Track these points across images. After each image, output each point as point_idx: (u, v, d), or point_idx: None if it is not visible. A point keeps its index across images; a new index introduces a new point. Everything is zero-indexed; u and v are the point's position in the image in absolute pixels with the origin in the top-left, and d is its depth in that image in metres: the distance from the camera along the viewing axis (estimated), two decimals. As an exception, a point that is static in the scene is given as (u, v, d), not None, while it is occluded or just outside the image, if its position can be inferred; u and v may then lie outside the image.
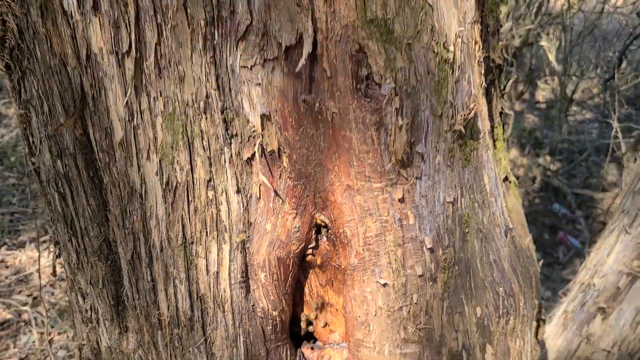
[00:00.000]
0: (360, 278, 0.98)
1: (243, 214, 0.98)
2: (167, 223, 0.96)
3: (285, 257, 1.01)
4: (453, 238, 0.95)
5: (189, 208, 0.96)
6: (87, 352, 1.20)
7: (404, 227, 0.93)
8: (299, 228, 0.99)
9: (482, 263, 0.99)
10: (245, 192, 0.96)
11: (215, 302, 1.01)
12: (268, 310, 1.04)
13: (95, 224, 1.03)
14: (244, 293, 1.02)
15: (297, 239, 1.00)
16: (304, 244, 1.01)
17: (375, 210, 0.93)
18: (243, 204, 0.97)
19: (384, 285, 0.96)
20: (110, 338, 1.12)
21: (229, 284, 1.00)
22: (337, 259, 1.02)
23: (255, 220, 0.98)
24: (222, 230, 0.98)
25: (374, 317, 0.98)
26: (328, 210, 0.98)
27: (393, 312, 0.97)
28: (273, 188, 0.96)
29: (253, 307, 1.03)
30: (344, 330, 1.09)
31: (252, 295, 1.03)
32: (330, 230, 1.00)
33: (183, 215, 0.96)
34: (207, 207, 0.96)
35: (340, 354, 1.11)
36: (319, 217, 0.99)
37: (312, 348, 1.15)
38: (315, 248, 1.03)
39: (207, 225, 0.97)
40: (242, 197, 0.96)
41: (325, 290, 1.09)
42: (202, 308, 1.01)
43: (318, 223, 1.00)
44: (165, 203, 0.95)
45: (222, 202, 0.96)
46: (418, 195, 0.92)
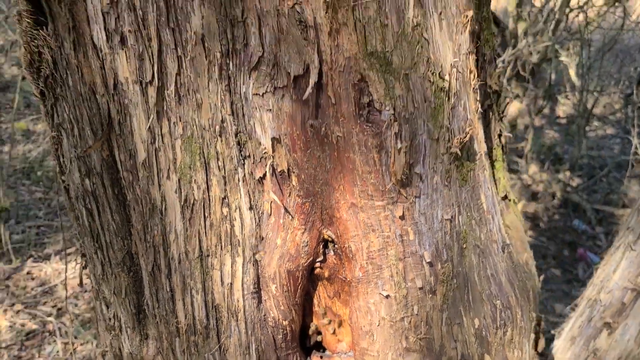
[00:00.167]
0: (365, 290, 1.05)
1: (255, 229, 1.06)
2: (185, 237, 1.05)
3: (295, 269, 1.08)
4: (451, 253, 1.02)
5: (205, 223, 1.04)
6: (110, 358, 1.28)
7: (405, 242, 1.00)
8: (308, 243, 1.07)
9: (479, 277, 1.06)
10: (258, 208, 1.05)
11: (229, 311, 1.09)
12: (279, 320, 1.12)
13: (119, 238, 1.12)
14: (256, 303, 1.10)
15: (305, 253, 1.08)
16: (312, 258, 1.09)
17: (378, 227, 1.01)
18: (255, 220, 1.05)
19: (387, 297, 1.03)
20: (132, 345, 1.21)
21: (242, 295, 1.08)
22: (343, 272, 1.09)
23: (267, 235, 1.07)
24: (235, 244, 1.06)
25: (378, 327, 1.05)
26: (334, 226, 1.06)
27: (395, 322, 1.04)
28: (283, 205, 1.04)
29: (264, 316, 1.11)
30: (351, 340, 1.16)
31: (263, 306, 1.10)
32: (337, 245, 1.07)
33: (200, 230, 1.04)
34: (222, 222, 1.04)
35: (348, 363, 1.18)
36: (326, 232, 1.07)
37: (321, 357, 1.23)
38: (323, 262, 1.10)
39: (221, 240, 1.05)
40: (254, 213, 1.05)
41: (333, 302, 1.17)
42: (217, 317, 1.10)
43: (325, 238, 1.08)
44: (184, 219, 1.04)
45: (236, 218, 1.04)
46: (417, 213, 0.99)
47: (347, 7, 0.88)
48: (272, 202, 1.04)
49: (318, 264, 1.11)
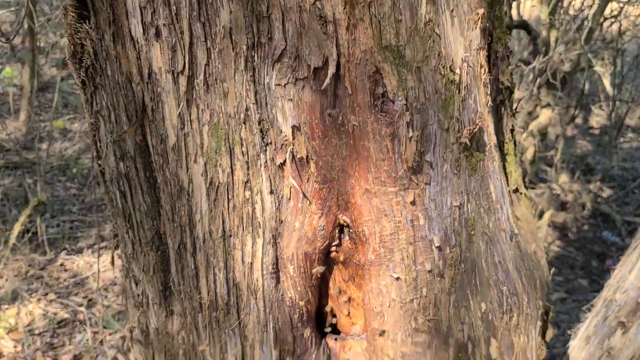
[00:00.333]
0: (377, 272, 1.12)
1: (275, 213, 1.13)
2: (209, 218, 1.13)
3: (312, 252, 1.16)
4: (459, 238, 1.08)
5: (229, 205, 1.12)
6: (137, 333, 1.37)
7: (415, 227, 1.07)
8: (324, 227, 1.14)
9: (487, 263, 1.11)
10: (278, 193, 1.12)
11: (249, 289, 1.17)
12: (295, 300, 1.19)
13: (149, 218, 1.21)
14: (274, 283, 1.17)
15: (322, 237, 1.15)
16: (328, 241, 1.16)
17: (390, 212, 1.07)
18: (275, 204, 1.13)
19: (397, 279, 1.09)
20: (158, 320, 1.29)
21: (261, 274, 1.16)
22: (357, 256, 1.16)
23: (286, 218, 1.14)
24: (256, 226, 1.14)
25: (388, 307, 1.11)
26: (349, 211, 1.12)
27: (405, 303, 1.10)
28: (302, 190, 1.12)
29: (282, 296, 1.18)
30: (364, 323, 1.23)
31: (281, 286, 1.18)
32: (352, 230, 1.14)
33: (223, 212, 1.13)
34: (244, 205, 1.12)
35: (360, 345, 1.25)
36: (342, 217, 1.14)
37: (335, 339, 1.29)
38: (339, 246, 1.17)
39: (243, 221, 1.13)
40: (274, 197, 1.12)
41: (348, 285, 1.23)
42: (237, 294, 1.17)
43: (341, 223, 1.15)
44: (209, 200, 1.12)
45: (257, 201, 1.12)
46: (427, 199, 1.05)
47: (363, 3, 0.95)
48: (291, 187, 1.11)
49: (334, 248, 1.18)
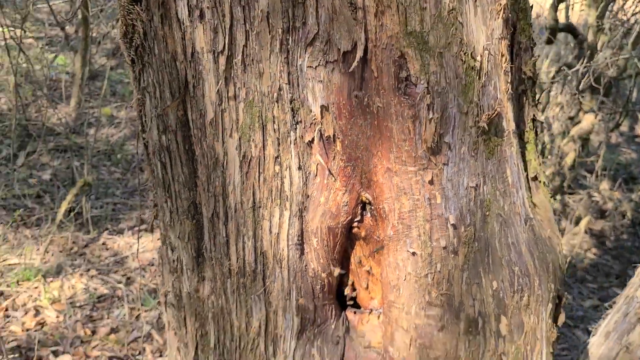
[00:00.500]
0: (395, 247, 1.19)
1: (302, 187, 1.22)
2: (241, 189, 1.23)
3: (335, 226, 1.24)
4: (474, 218, 1.14)
5: (259, 178, 1.21)
6: (171, 298, 1.48)
7: (432, 205, 1.13)
8: (347, 203, 1.22)
9: (500, 243, 1.17)
10: (305, 169, 1.21)
11: (275, 258, 1.26)
12: (318, 271, 1.27)
13: (187, 188, 1.31)
14: (299, 254, 1.26)
15: (345, 212, 1.23)
16: (351, 217, 1.24)
17: (409, 190, 1.14)
18: (303, 179, 1.21)
19: (413, 254, 1.16)
20: (190, 285, 1.40)
21: (287, 245, 1.25)
22: (377, 232, 1.24)
23: (312, 193, 1.22)
24: (284, 199, 1.22)
25: (404, 281, 1.19)
26: (372, 189, 1.20)
27: (420, 278, 1.17)
28: (327, 167, 1.20)
29: (305, 267, 1.27)
30: (382, 297, 1.30)
31: (305, 257, 1.26)
32: (373, 207, 1.22)
33: (254, 184, 1.22)
34: (273, 178, 1.21)
35: (377, 318, 1.32)
36: (364, 194, 1.22)
37: (354, 312, 1.37)
38: (360, 222, 1.25)
39: (272, 194, 1.22)
40: (302, 173, 1.21)
41: (368, 261, 1.31)
42: (263, 262, 1.26)
43: (363, 200, 1.23)
44: (241, 172, 1.22)
45: (286, 175, 1.21)
46: (445, 179, 1.12)
47: (391, -9, 1.02)
48: (318, 164, 1.20)
49: (356, 224, 1.25)
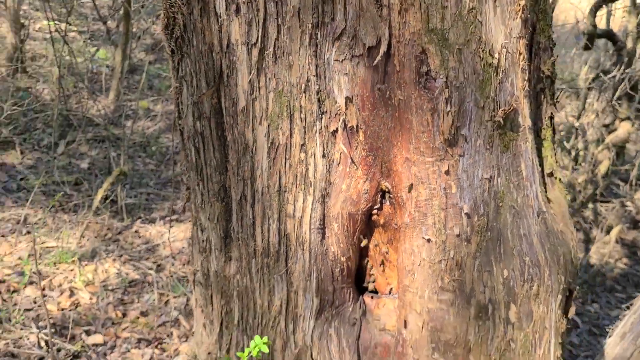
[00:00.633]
0: (411, 234, 1.26)
1: (325, 174, 1.30)
2: (268, 174, 1.31)
3: (355, 213, 1.31)
4: (487, 209, 1.20)
5: (286, 164, 1.30)
6: (199, 276, 1.58)
7: (448, 195, 1.20)
8: (368, 190, 1.29)
9: (512, 234, 1.23)
10: (329, 157, 1.29)
11: (297, 241, 1.34)
12: (338, 255, 1.35)
13: (217, 172, 1.41)
14: (320, 238, 1.34)
15: (365, 199, 1.30)
16: (371, 204, 1.31)
17: (426, 179, 1.21)
18: (326, 166, 1.29)
19: (428, 241, 1.23)
20: (218, 264, 1.49)
21: (309, 228, 1.33)
22: (395, 219, 1.31)
23: (334, 181, 1.30)
24: (308, 185, 1.31)
25: (419, 266, 1.25)
26: (391, 178, 1.27)
27: (433, 264, 1.23)
28: (350, 156, 1.28)
29: (326, 250, 1.35)
30: (398, 284, 1.37)
31: (326, 241, 1.34)
32: (392, 195, 1.29)
33: (280, 169, 1.30)
34: (298, 165, 1.30)
35: (393, 302, 1.39)
36: (384, 183, 1.29)
37: (372, 297, 1.45)
38: (380, 210, 1.32)
39: (297, 179, 1.31)
40: (326, 160, 1.29)
41: (387, 248, 1.38)
42: (286, 244, 1.35)
43: (383, 188, 1.30)
44: (269, 158, 1.30)
45: (310, 162, 1.29)
46: (460, 170, 1.19)
47: (414, -9, 1.10)
48: (341, 152, 1.28)
49: (375, 211, 1.33)
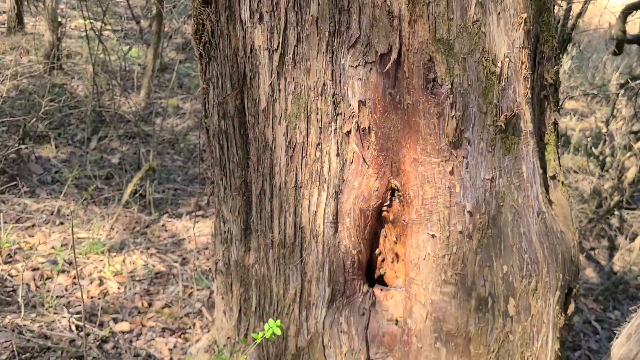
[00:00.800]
0: (417, 230, 1.36)
1: (339, 172, 1.41)
2: (286, 170, 1.43)
3: (366, 209, 1.42)
4: (489, 207, 1.30)
5: (302, 162, 1.41)
6: (221, 266, 1.70)
7: (452, 193, 1.30)
8: (378, 188, 1.40)
9: (512, 232, 1.32)
10: (343, 156, 1.40)
11: (312, 233, 1.45)
12: (349, 248, 1.46)
13: (239, 168, 1.53)
14: (333, 231, 1.45)
15: (376, 197, 1.41)
16: (381, 201, 1.42)
17: (432, 179, 1.31)
18: (340, 165, 1.40)
19: (433, 237, 1.33)
20: (238, 255, 1.61)
21: (323, 222, 1.44)
22: (404, 216, 1.41)
23: (347, 178, 1.41)
24: (322, 182, 1.42)
25: (424, 260, 1.35)
26: (400, 177, 1.38)
27: (437, 258, 1.33)
28: (362, 156, 1.38)
29: (338, 243, 1.46)
30: (405, 276, 1.47)
31: (338, 235, 1.45)
32: (400, 193, 1.39)
33: (297, 166, 1.42)
34: (314, 162, 1.41)
35: (401, 294, 1.49)
36: (393, 181, 1.39)
37: (381, 289, 1.55)
38: (389, 206, 1.43)
39: (312, 176, 1.42)
40: (340, 159, 1.40)
41: (396, 243, 1.48)
42: (301, 236, 1.46)
43: (392, 187, 1.40)
44: (287, 156, 1.42)
45: (325, 161, 1.40)
46: (464, 171, 1.28)
47: (423, 3, 1.20)
48: (354, 152, 1.38)
49: (385, 208, 1.43)
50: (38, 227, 3.53)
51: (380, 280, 1.58)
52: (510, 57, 1.24)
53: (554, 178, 1.47)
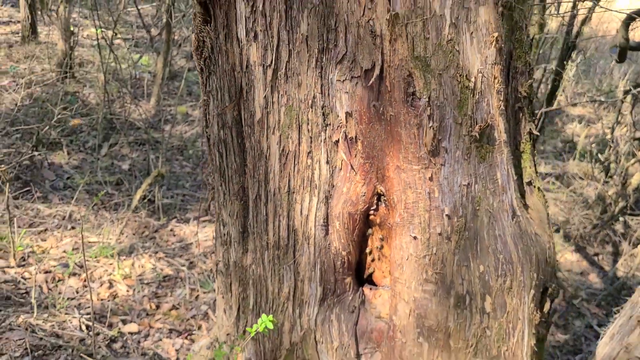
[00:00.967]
0: (400, 232, 1.48)
1: (329, 178, 1.53)
2: (279, 177, 1.56)
3: (354, 212, 1.54)
4: (466, 211, 1.41)
5: (294, 169, 1.54)
6: (221, 266, 1.83)
7: (431, 198, 1.42)
8: (365, 193, 1.52)
9: (488, 234, 1.43)
10: (332, 163, 1.52)
11: (304, 236, 1.57)
12: (339, 250, 1.58)
13: (237, 174, 1.66)
14: (324, 234, 1.57)
15: (363, 201, 1.53)
16: (368, 206, 1.54)
17: (414, 185, 1.43)
18: (329, 171, 1.53)
19: (415, 238, 1.45)
20: (236, 256, 1.74)
21: (314, 225, 1.56)
22: (389, 220, 1.53)
23: (336, 184, 1.53)
24: (313, 187, 1.54)
25: (406, 260, 1.47)
26: (385, 183, 1.50)
27: (419, 258, 1.45)
28: (350, 163, 1.50)
29: (329, 245, 1.58)
30: (390, 276, 1.59)
31: (329, 237, 1.57)
32: (386, 198, 1.51)
33: (290, 173, 1.54)
34: (305, 169, 1.53)
35: (388, 293, 1.61)
36: (379, 187, 1.51)
37: (370, 288, 1.67)
38: (376, 210, 1.55)
39: (304, 182, 1.54)
40: (329, 166, 1.52)
41: (382, 244, 1.60)
42: (294, 238, 1.58)
43: (378, 192, 1.52)
44: (280, 163, 1.54)
45: (316, 168, 1.53)
46: (442, 177, 1.40)
47: (402, 23, 1.32)
48: (342, 159, 1.51)
49: (372, 212, 1.55)
50: (50, 231, 3.68)
51: (370, 280, 1.69)
52: (484, 72, 1.36)
53: (530, 184, 1.58)
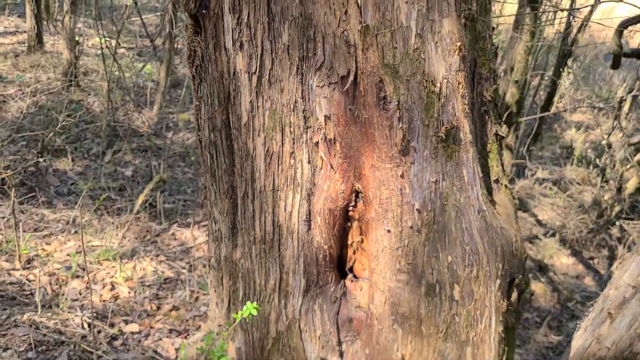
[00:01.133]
0: (376, 226, 1.62)
1: (310, 177, 1.67)
2: (264, 176, 1.70)
3: (334, 209, 1.68)
4: (434, 206, 1.55)
5: (278, 168, 1.68)
6: (213, 262, 1.97)
7: (403, 194, 1.55)
8: (344, 190, 1.66)
9: (455, 227, 1.56)
10: (313, 163, 1.66)
11: (288, 231, 1.71)
12: (321, 244, 1.72)
13: (227, 174, 1.80)
14: (307, 229, 1.71)
15: (342, 198, 1.67)
16: (347, 202, 1.68)
17: (387, 182, 1.57)
18: (311, 170, 1.67)
19: (388, 232, 1.58)
20: (227, 251, 1.88)
21: (297, 221, 1.70)
22: (366, 215, 1.67)
23: (318, 182, 1.67)
24: (296, 185, 1.68)
25: (381, 252, 1.61)
26: (362, 181, 1.64)
27: (393, 250, 1.59)
28: (329, 162, 1.64)
29: (311, 239, 1.72)
30: (369, 267, 1.72)
31: (311, 231, 1.71)
32: (362, 194, 1.65)
33: (274, 172, 1.69)
34: (289, 169, 1.67)
35: (367, 284, 1.75)
36: (357, 184, 1.65)
37: (351, 280, 1.80)
38: (355, 206, 1.69)
39: (287, 181, 1.68)
40: (311, 166, 1.66)
41: (361, 238, 1.74)
42: (279, 233, 1.73)
43: (356, 189, 1.66)
44: (265, 163, 1.69)
45: (298, 167, 1.67)
46: (412, 174, 1.54)
47: (372, 34, 1.47)
48: (322, 159, 1.65)
49: (351, 208, 1.69)
50: (54, 235, 3.84)
51: (352, 273, 1.83)
52: (448, 78, 1.50)
53: (497, 182, 1.71)
